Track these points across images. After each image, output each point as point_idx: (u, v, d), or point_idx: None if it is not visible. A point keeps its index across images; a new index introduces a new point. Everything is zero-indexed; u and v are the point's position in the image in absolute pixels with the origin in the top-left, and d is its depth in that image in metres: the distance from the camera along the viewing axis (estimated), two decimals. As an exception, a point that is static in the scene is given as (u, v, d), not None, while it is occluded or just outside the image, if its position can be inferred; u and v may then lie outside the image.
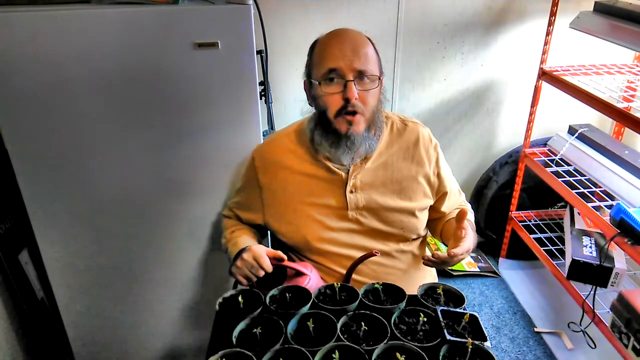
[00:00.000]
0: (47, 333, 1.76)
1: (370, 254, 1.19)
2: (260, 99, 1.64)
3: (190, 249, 1.64)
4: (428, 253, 1.26)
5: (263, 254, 1.19)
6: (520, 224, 2.28)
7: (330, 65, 1.17)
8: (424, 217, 1.36)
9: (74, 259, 1.57)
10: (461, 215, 1.17)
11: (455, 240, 1.19)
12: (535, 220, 2.31)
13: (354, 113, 1.18)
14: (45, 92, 1.35)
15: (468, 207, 1.46)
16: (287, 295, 1.11)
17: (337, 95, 1.18)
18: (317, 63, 1.22)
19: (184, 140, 1.48)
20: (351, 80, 1.16)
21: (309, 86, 1.27)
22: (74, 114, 1.39)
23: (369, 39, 1.24)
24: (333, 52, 1.18)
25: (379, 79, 1.22)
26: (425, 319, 1.03)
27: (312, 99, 1.27)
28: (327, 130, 1.23)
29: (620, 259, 1.78)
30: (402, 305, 1.08)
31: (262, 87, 1.77)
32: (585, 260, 1.78)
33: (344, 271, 1.27)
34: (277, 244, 1.40)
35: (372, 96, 1.21)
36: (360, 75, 1.18)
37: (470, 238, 1.20)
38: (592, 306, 1.73)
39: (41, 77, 1.33)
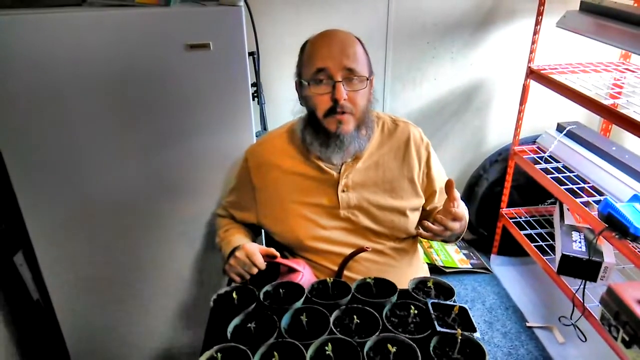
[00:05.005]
0: (42, 334, 1.76)
1: (361, 249, 1.21)
2: (253, 99, 1.66)
3: (184, 249, 1.65)
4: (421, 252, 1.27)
5: (256, 251, 1.21)
6: (510, 220, 2.30)
7: (318, 65, 1.18)
8: (414, 217, 1.37)
9: (69, 260, 1.58)
10: (449, 185, 1.15)
11: (444, 211, 1.17)
12: (526, 217, 2.34)
13: (343, 112, 1.20)
14: (38, 94, 1.36)
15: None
16: (281, 290, 1.12)
17: (326, 95, 1.19)
18: (306, 63, 1.23)
19: (177, 141, 1.50)
20: (340, 82, 1.17)
21: (299, 86, 1.29)
22: (68, 115, 1.40)
23: (359, 40, 1.25)
24: (321, 52, 1.19)
25: (368, 79, 1.23)
26: (416, 312, 1.04)
27: (303, 99, 1.28)
28: (317, 130, 1.24)
29: (609, 253, 1.81)
30: (394, 298, 1.09)
31: (255, 88, 1.78)
32: (574, 255, 1.81)
33: (336, 268, 1.28)
34: (270, 242, 1.42)
35: (361, 97, 1.22)
36: (349, 75, 1.18)
37: (461, 207, 1.19)
38: (582, 300, 1.75)
39: (33, 80, 1.34)
